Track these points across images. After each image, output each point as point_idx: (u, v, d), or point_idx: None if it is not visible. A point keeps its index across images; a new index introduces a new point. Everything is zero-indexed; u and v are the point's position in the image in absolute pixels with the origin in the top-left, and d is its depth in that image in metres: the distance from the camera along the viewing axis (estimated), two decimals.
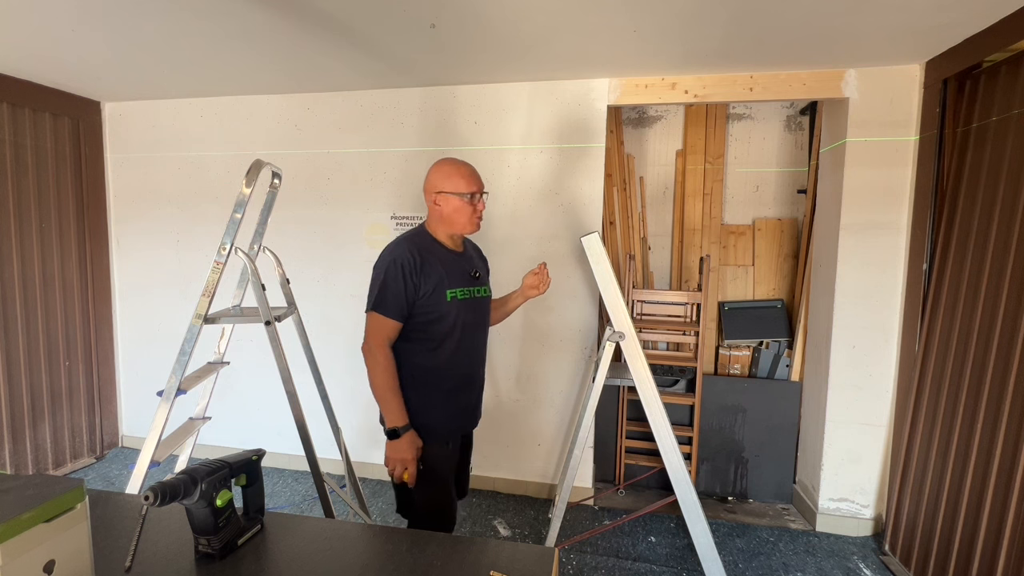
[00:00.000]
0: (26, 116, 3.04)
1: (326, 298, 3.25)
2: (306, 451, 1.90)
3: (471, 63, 2.62)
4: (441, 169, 1.70)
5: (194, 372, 2.05)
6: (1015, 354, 1.91)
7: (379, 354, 1.63)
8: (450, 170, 1.69)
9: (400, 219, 3.13)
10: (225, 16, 2.09)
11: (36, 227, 3.12)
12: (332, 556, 1.04)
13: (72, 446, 3.38)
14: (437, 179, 1.69)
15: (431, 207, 1.71)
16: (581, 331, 2.99)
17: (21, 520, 0.73)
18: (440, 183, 1.68)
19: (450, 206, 1.68)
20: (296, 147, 3.22)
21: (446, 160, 1.73)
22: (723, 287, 3.37)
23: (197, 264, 3.42)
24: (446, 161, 1.72)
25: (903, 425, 2.48)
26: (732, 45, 2.32)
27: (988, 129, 2.16)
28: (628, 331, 2.09)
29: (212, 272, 1.81)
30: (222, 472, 1.03)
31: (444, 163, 1.72)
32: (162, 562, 1.00)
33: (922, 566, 2.29)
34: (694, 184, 3.37)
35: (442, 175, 1.68)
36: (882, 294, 2.63)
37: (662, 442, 2.11)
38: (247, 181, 1.79)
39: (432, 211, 1.71)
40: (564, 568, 2.45)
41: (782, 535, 2.74)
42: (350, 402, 3.12)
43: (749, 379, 3.15)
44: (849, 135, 2.60)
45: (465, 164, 1.72)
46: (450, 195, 1.67)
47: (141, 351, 3.61)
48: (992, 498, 1.96)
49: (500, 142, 2.97)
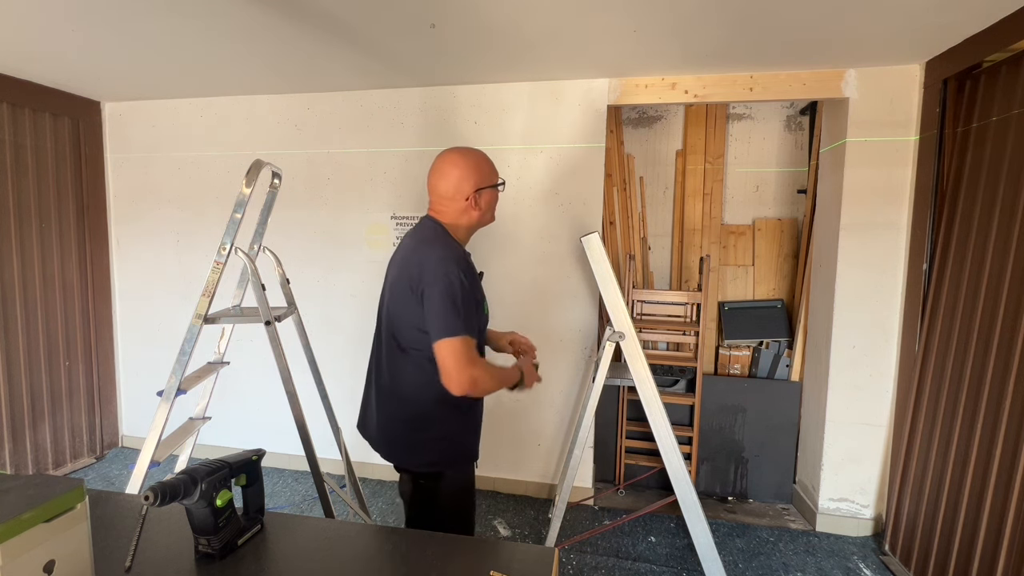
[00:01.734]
0: (26, 116, 3.04)
1: (326, 298, 3.25)
2: (306, 451, 1.90)
3: (471, 63, 2.62)
4: (481, 162, 1.50)
5: (194, 372, 2.05)
6: (1015, 354, 1.91)
7: (477, 371, 1.36)
8: (485, 159, 1.52)
9: (400, 219, 3.13)
10: (225, 16, 2.09)
11: (36, 227, 3.12)
12: (332, 556, 1.04)
13: (72, 446, 3.38)
14: (478, 174, 1.47)
15: (464, 207, 1.47)
16: (581, 331, 2.99)
17: (21, 520, 0.73)
18: (483, 177, 1.48)
19: (485, 200, 1.49)
20: (296, 147, 3.22)
21: (469, 151, 1.52)
22: (723, 287, 3.36)
23: (197, 264, 3.42)
24: (470, 152, 1.51)
25: (903, 425, 2.48)
26: (732, 45, 2.32)
27: (988, 129, 2.16)
28: (628, 331, 2.09)
29: (212, 272, 1.81)
30: (222, 472, 1.03)
31: (470, 155, 1.50)
32: (162, 562, 1.00)
33: (922, 566, 2.29)
34: (694, 184, 3.37)
35: (485, 169, 1.49)
36: (882, 294, 2.63)
37: (662, 442, 2.11)
38: (247, 181, 1.79)
39: (464, 211, 1.48)
40: (564, 568, 2.45)
41: (782, 535, 2.74)
42: (350, 402, 3.09)
43: (749, 379, 3.15)
44: (849, 135, 2.60)
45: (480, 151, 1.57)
46: (490, 189, 1.50)
47: (141, 351, 3.61)
48: (992, 498, 1.96)
49: (500, 142, 2.97)
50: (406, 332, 1.46)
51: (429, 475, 1.50)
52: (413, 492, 1.54)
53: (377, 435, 1.57)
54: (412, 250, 1.48)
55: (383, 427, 1.54)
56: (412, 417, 1.49)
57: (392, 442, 1.54)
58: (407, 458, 1.53)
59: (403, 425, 1.50)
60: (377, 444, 1.57)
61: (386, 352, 1.52)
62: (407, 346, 1.46)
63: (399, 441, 1.52)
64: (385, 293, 1.57)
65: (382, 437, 1.55)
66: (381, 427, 1.55)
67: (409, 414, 1.49)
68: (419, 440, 1.49)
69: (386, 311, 1.54)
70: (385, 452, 1.55)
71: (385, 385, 1.53)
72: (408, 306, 1.43)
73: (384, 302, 1.56)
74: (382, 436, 1.55)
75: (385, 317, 1.54)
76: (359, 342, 3.20)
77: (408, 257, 1.47)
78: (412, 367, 1.46)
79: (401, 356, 1.48)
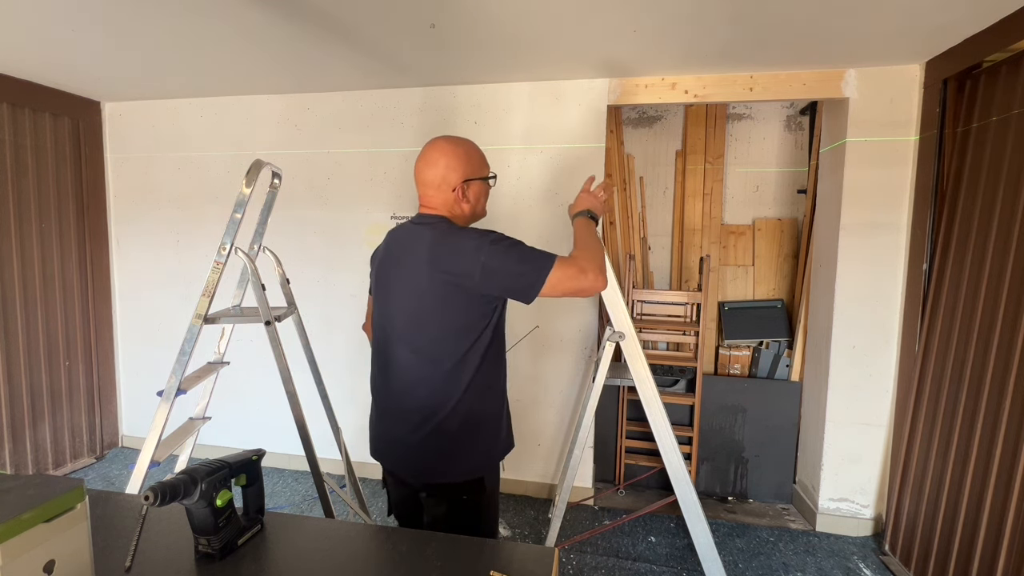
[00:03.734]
0: (26, 116, 3.04)
1: (326, 298, 3.25)
2: (306, 451, 1.90)
3: (471, 63, 2.62)
4: (471, 153, 1.41)
5: (194, 372, 2.04)
6: (1015, 354, 1.91)
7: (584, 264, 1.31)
8: (476, 151, 1.43)
9: (400, 219, 3.12)
10: (225, 16, 2.09)
11: (36, 227, 3.12)
12: (332, 556, 1.04)
13: (72, 446, 3.38)
14: (467, 165, 1.38)
15: (453, 199, 1.38)
16: (581, 331, 2.99)
17: (21, 520, 0.73)
18: (473, 169, 1.40)
19: (475, 191, 1.41)
20: (296, 147, 3.22)
21: (459, 140, 1.41)
22: (723, 287, 3.37)
23: (197, 264, 3.42)
24: (460, 141, 1.41)
25: (903, 425, 2.48)
26: (732, 45, 2.32)
27: (988, 129, 2.16)
28: (628, 331, 2.09)
29: (212, 272, 1.80)
30: (222, 472, 1.02)
31: (460, 144, 1.41)
32: (162, 562, 1.00)
33: (922, 566, 2.29)
34: (694, 184, 3.37)
35: (475, 161, 1.41)
36: (882, 294, 2.63)
37: (662, 442, 2.11)
38: (247, 181, 1.79)
39: (454, 203, 1.39)
40: (564, 568, 2.45)
41: (782, 535, 2.74)
42: (350, 402, 3.12)
43: (749, 379, 3.15)
44: (849, 135, 2.60)
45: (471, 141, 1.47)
46: (479, 181, 1.42)
47: (141, 351, 3.61)
48: (992, 498, 1.96)
49: (500, 142, 2.97)
50: (440, 337, 1.33)
51: (470, 486, 1.37)
52: (449, 511, 1.37)
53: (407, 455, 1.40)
54: (436, 243, 1.32)
55: (422, 444, 1.36)
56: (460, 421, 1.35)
57: (426, 454, 1.36)
58: (446, 468, 1.36)
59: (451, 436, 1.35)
60: (406, 464, 1.41)
61: (414, 360, 1.36)
62: (449, 346, 1.32)
63: (434, 451, 1.36)
64: (395, 302, 1.39)
65: (413, 455, 1.38)
66: (421, 444, 1.36)
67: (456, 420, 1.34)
68: (469, 446, 1.36)
69: (406, 320, 1.37)
70: (417, 469, 1.39)
71: (420, 397, 1.36)
72: (451, 305, 1.30)
73: (397, 311, 1.39)
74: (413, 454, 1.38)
75: (403, 326, 1.38)
76: (359, 342, 3.20)
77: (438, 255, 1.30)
78: (450, 369, 1.32)
79: (438, 360, 1.33)
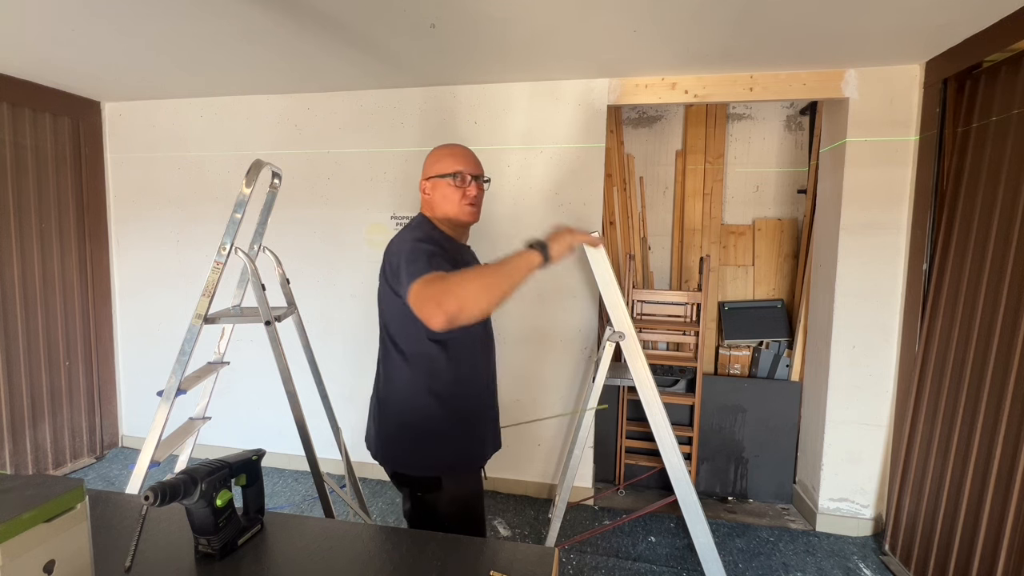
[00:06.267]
0: (26, 116, 3.04)
1: (326, 298, 3.25)
2: (306, 451, 1.90)
3: (471, 63, 2.62)
4: (431, 154, 1.55)
5: (194, 372, 2.04)
6: (1015, 354, 1.91)
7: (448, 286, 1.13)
8: (439, 153, 1.54)
9: (400, 219, 3.12)
10: (225, 16, 2.09)
11: (36, 227, 3.12)
12: (332, 556, 1.04)
13: (72, 446, 3.38)
14: (427, 165, 1.54)
15: (422, 197, 1.54)
16: (581, 331, 2.99)
17: (21, 520, 0.73)
18: (428, 168, 1.53)
19: (438, 192, 1.49)
20: (296, 147, 3.22)
21: (439, 145, 1.58)
22: (723, 287, 3.37)
23: (197, 264, 3.42)
24: (438, 146, 1.57)
25: (903, 425, 2.48)
26: (732, 45, 2.32)
27: (988, 129, 2.16)
28: (628, 331, 2.09)
29: (212, 272, 1.80)
30: (222, 472, 1.02)
31: (435, 148, 1.57)
32: (162, 562, 1.00)
33: (922, 566, 2.29)
34: (694, 184, 3.37)
35: (431, 160, 1.54)
36: (882, 294, 2.63)
37: (662, 442, 2.11)
38: (247, 181, 1.79)
39: (423, 201, 1.54)
40: (564, 568, 2.45)
41: (782, 535, 2.74)
42: (350, 402, 3.12)
43: (749, 379, 3.15)
44: (849, 135, 2.60)
45: (457, 145, 1.56)
46: (437, 179, 1.49)
47: (141, 351, 3.61)
48: (992, 498, 1.96)
49: (500, 142, 2.97)
50: (393, 326, 1.45)
51: (427, 483, 1.44)
52: (412, 509, 1.48)
53: (376, 441, 1.51)
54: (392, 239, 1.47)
55: (380, 432, 1.50)
56: (408, 415, 1.44)
57: (387, 444, 1.48)
58: (405, 460, 1.46)
59: (400, 427, 1.45)
60: (375, 450, 1.52)
61: (382, 352, 1.51)
62: (398, 341, 1.44)
63: (394, 441, 1.47)
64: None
65: (380, 442, 1.50)
66: (378, 432, 1.51)
67: (406, 413, 1.44)
68: (416, 441, 1.44)
69: (378, 309, 1.52)
70: (382, 457, 1.50)
71: (381, 387, 1.50)
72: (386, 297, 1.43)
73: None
74: (380, 441, 1.50)
75: (379, 316, 1.53)
76: (359, 342, 3.21)
77: (386, 249, 1.45)
78: (403, 364, 1.43)
79: (395, 353, 1.45)
